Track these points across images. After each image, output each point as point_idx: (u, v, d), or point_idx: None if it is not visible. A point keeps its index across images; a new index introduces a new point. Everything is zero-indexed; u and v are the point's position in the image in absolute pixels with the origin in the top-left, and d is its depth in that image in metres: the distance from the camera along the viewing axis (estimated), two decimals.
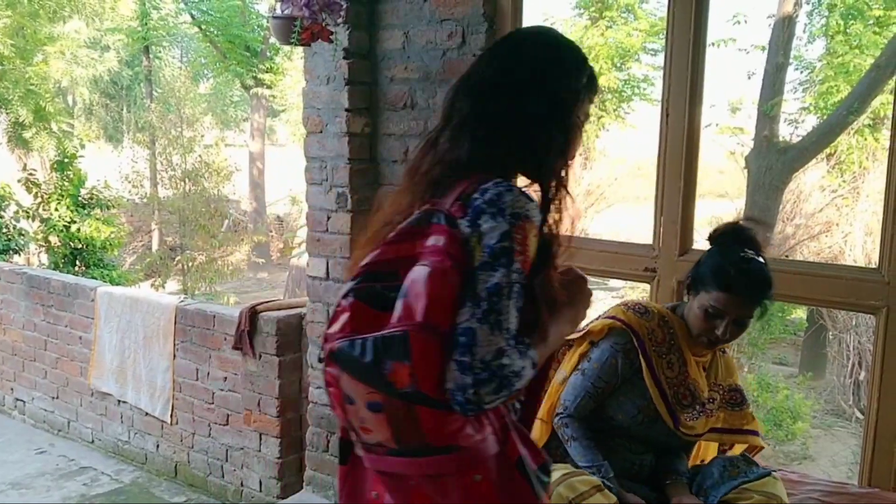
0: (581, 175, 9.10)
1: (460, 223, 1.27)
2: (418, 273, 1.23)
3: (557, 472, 1.92)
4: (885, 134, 8.66)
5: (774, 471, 2.04)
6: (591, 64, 1.44)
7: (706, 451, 2.28)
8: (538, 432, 2.09)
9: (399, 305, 1.22)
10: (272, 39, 14.04)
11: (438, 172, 1.37)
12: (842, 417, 8.65)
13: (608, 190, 10.15)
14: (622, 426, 2.06)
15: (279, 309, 3.66)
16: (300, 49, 3.09)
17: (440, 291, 1.21)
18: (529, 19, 2.81)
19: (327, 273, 3.19)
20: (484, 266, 1.22)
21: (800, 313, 10.35)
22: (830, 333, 9.17)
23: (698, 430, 2.07)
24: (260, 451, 3.70)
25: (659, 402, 2.01)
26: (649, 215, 2.61)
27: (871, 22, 8.78)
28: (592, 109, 1.47)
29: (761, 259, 1.99)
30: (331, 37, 2.70)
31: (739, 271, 1.94)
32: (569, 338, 2.15)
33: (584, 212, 8.95)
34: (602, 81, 11.14)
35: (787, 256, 8.72)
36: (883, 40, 8.56)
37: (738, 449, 2.23)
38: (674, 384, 2.01)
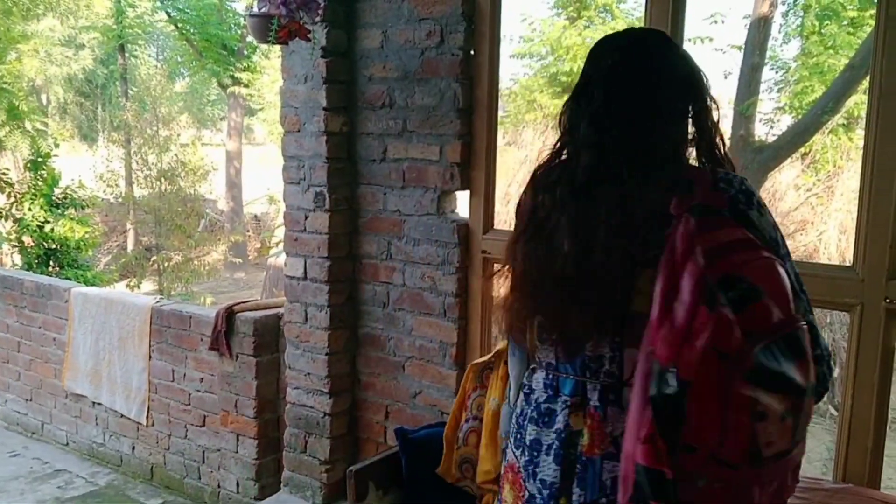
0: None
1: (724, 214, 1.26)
2: (765, 269, 1.18)
3: None
4: (859, 133, 8.76)
5: None
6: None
7: None
8: (491, 460, 2.09)
9: (771, 304, 1.14)
10: (249, 38, 13.95)
11: (666, 164, 1.34)
12: (816, 414, 8.73)
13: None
14: None
15: (256, 309, 3.63)
16: (277, 47, 3.08)
17: (788, 284, 1.19)
18: (508, 18, 2.81)
19: (305, 273, 3.17)
20: (784, 258, 1.26)
21: None
22: None
23: None
24: (237, 452, 3.67)
25: None
26: None
27: (845, 23, 8.89)
28: None
29: None
30: (308, 35, 2.68)
31: None
32: (480, 361, 2.18)
33: None
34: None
35: None
36: (857, 41, 8.66)
37: None
38: None
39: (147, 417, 4.10)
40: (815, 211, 9.43)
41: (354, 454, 3.29)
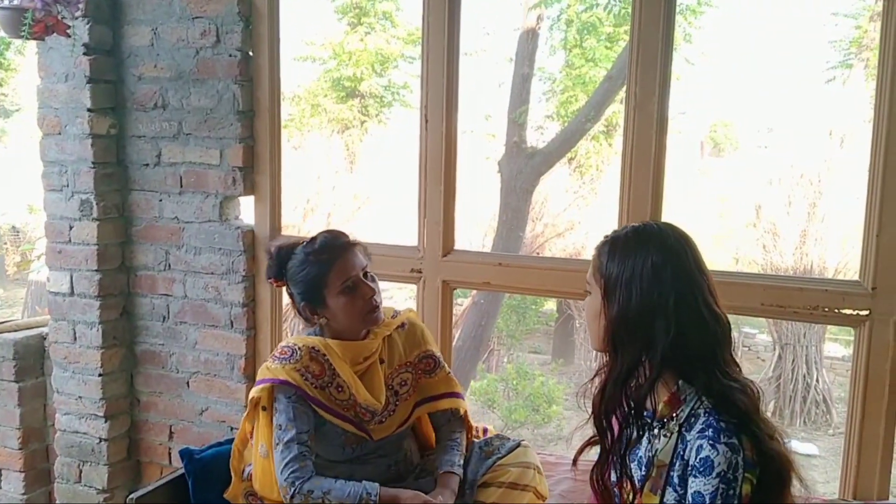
0: (348, 179, 9.16)
1: None
2: None
3: None
4: (618, 140, 9.60)
5: (523, 440, 2.17)
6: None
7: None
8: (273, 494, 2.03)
9: None
10: (1, 33, 12.64)
11: None
12: (588, 398, 9.44)
13: (373, 193, 10.31)
14: (345, 461, 2.05)
15: (16, 330, 3.30)
16: (33, 43, 2.81)
17: None
18: (286, 20, 2.76)
19: (72, 288, 2.92)
20: None
21: (550, 305, 11.19)
22: (577, 322, 10.00)
23: (397, 422, 2.09)
24: (0, 488, 3.32)
25: (348, 427, 2.00)
26: (413, 218, 2.67)
27: (603, 37, 9.71)
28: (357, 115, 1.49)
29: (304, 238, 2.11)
30: (67, 31, 2.47)
31: (323, 243, 2.02)
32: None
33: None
34: (363, 87, 11.31)
35: (537, 254, 9.37)
36: (613, 54, 9.50)
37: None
38: (349, 406, 2.01)
39: None
40: (581, 212, 10.22)
41: (136, 480, 3.09)
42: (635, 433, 1.49)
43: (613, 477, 1.54)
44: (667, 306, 1.41)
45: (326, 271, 1.98)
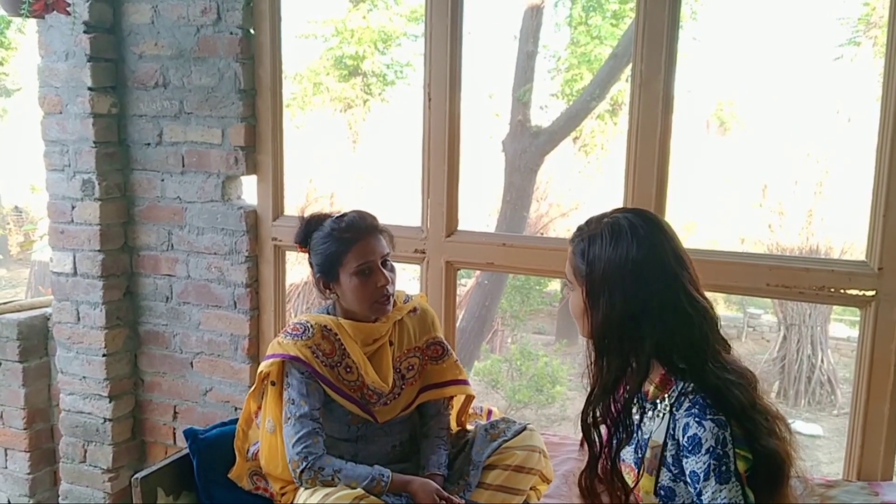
0: (351, 159, 9.12)
1: None
2: None
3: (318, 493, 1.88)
4: (623, 119, 9.54)
5: (529, 424, 2.17)
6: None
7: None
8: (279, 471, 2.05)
9: None
10: (0, 11, 12.56)
11: None
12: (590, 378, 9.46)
13: (376, 172, 10.27)
14: (350, 439, 2.07)
15: (20, 310, 3.30)
16: (33, 21, 2.80)
17: None
18: None
19: (75, 268, 2.92)
20: None
21: (554, 285, 11.18)
22: None
23: (401, 405, 2.10)
24: (6, 467, 3.34)
25: (353, 408, 2.02)
26: (416, 197, 2.66)
27: (608, 14, 9.60)
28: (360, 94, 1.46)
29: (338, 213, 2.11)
30: (67, 9, 2.46)
31: (349, 222, 2.02)
32: (255, 389, 2.11)
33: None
34: (366, 66, 11.23)
35: (542, 234, 9.35)
36: (619, 32, 9.40)
37: (457, 402, 2.29)
38: (357, 387, 2.02)
39: None
40: (586, 191, 10.18)
41: (141, 460, 3.10)
42: (624, 435, 1.49)
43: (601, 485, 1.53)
44: (651, 308, 1.39)
45: (345, 250, 1.99)
